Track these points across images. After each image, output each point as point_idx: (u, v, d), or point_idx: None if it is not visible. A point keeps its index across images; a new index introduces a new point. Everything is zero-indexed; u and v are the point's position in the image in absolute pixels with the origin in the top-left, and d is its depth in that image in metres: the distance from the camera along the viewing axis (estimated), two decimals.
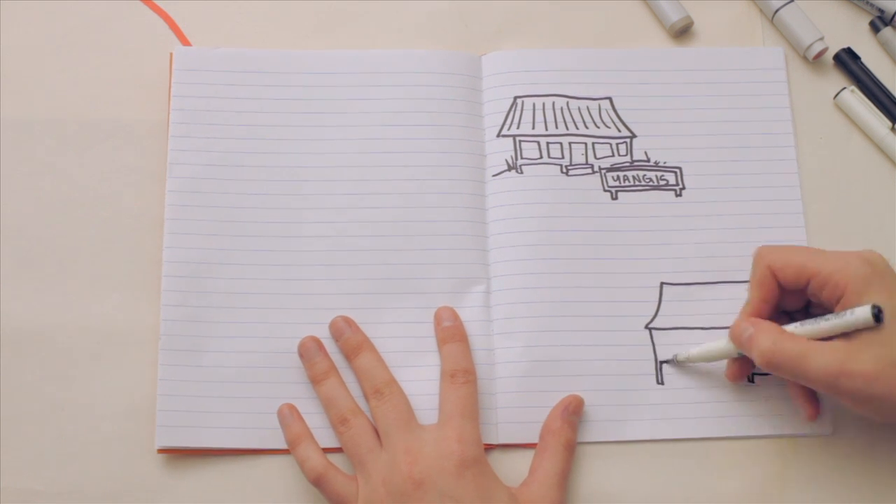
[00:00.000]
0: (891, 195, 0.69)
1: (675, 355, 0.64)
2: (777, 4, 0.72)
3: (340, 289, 0.65)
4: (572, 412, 0.62)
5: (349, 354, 0.64)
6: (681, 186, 0.68)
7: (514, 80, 0.70)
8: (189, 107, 0.68)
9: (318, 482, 0.60)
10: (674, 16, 0.72)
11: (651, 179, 0.68)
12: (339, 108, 0.69)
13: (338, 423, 0.62)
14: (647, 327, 0.65)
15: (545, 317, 0.65)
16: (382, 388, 0.62)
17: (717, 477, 0.63)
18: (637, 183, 0.68)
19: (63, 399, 0.64)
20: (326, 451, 0.62)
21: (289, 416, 0.62)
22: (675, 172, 0.69)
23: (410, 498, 0.58)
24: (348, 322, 0.64)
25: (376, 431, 0.61)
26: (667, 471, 0.63)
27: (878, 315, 0.55)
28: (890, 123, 0.69)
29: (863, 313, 0.55)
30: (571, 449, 0.62)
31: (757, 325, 0.59)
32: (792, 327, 0.58)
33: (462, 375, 0.62)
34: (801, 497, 0.63)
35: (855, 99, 0.70)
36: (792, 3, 0.72)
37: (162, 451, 0.63)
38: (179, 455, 0.63)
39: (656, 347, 0.65)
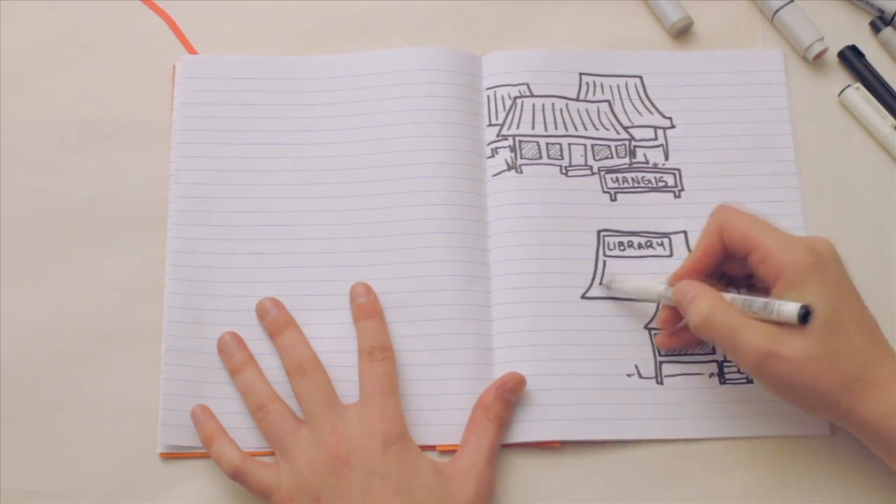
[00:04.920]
0: (892, 195, 0.69)
1: (611, 280, 0.65)
2: (777, 5, 0.72)
3: (343, 290, 0.65)
4: (509, 390, 0.62)
5: (273, 332, 0.64)
6: (680, 188, 0.68)
7: (513, 80, 0.70)
8: (193, 114, 0.69)
9: (236, 476, 0.60)
10: (674, 16, 0.72)
11: (650, 181, 0.68)
12: (340, 111, 0.69)
13: (255, 409, 0.62)
14: (646, 327, 0.65)
15: (545, 317, 0.65)
16: (305, 364, 0.62)
17: (717, 477, 0.63)
18: (636, 185, 0.68)
19: (63, 399, 0.64)
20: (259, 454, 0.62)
21: (202, 416, 0.62)
22: (674, 174, 0.69)
23: (337, 477, 0.58)
24: (275, 302, 0.65)
25: (294, 416, 0.61)
26: (666, 471, 0.63)
27: (804, 316, 0.55)
28: (894, 121, 0.69)
29: (790, 310, 0.55)
30: (502, 425, 0.62)
31: (700, 289, 0.59)
32: (728, 297, 0.58)
33: (379, 353, 0.62)
34: (801, 497, 0.63)
35: (859, 96, 0.70)
36: (792, 4, 0.72)
37: (165, 455, 0.63)
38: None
39: (656, 347, 0.65)
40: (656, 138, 0.70)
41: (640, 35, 0.73)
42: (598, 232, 0.67)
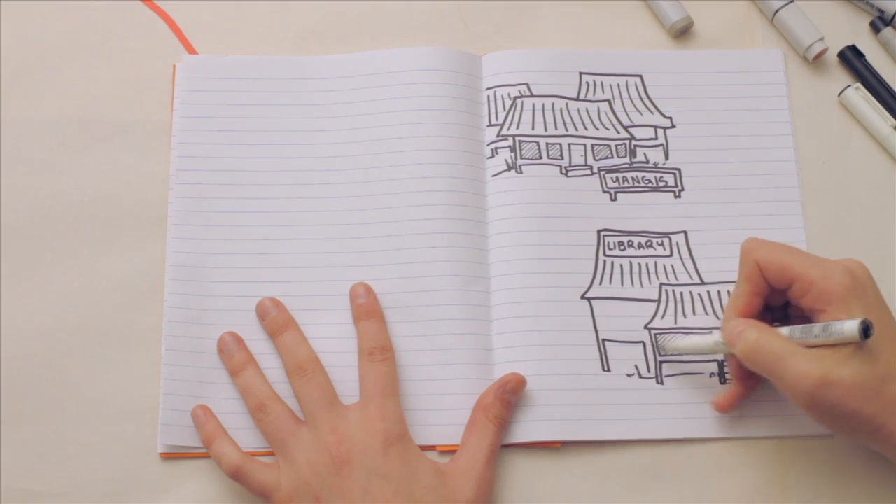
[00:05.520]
0: (891, 195, 0.69)
1: (664, 340, 0.65)
2: (777, 5, 0.72)
3: (343, 290, 0.65)
4: (509, 391, 0.62)
5: (274, 332, 0.64)
6: (680, 188, 0.68)
7: (513, 80, 0.70)
8: (194, 114, 0.69)
9: (236, 475, 0.60)
10: (674, 16, 0.72)
11: (650, 181, 0.68)
12: (340, 111, 0.69)
13: (256, 409, 0.62)
14: (646, 328, 0.65)
15: (544, 317, 0.65)
16: (305, 364, 0.62)
17: (717, 477, 0.63)
18: (636, 184, 0.68)
19: (63, 399, 0.64)
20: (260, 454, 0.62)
21: (202, 416, 0.62)
22: (674, 174, 0.69)
23: (337, 476, 0.58)
24: (275, 303, 0.65)
25: (294, 416, 0.61)
26: (666, 471, 0.63)
27: (866, 331, 0.54)
28: (894, 121, 0.69)
29: (850, 329, 0.54)
30: (502, 425, 0.62)
31: (748, 322, 0.59)
32: (784, 331, 0.58)
33: (379, 353, 0.62)
34: (801, 497, 0.63)
35: (859, 96, 0.70)
36: (792, 4, 0.72)
37: (165, 455, 0.63)
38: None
39: (656, 348, 0.65)
40: (656, 138, 0.70)
41: (640, 35, 0.73)
42: (598, 232, 0.67)
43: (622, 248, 0.67)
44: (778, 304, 0.62)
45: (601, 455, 0.63)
